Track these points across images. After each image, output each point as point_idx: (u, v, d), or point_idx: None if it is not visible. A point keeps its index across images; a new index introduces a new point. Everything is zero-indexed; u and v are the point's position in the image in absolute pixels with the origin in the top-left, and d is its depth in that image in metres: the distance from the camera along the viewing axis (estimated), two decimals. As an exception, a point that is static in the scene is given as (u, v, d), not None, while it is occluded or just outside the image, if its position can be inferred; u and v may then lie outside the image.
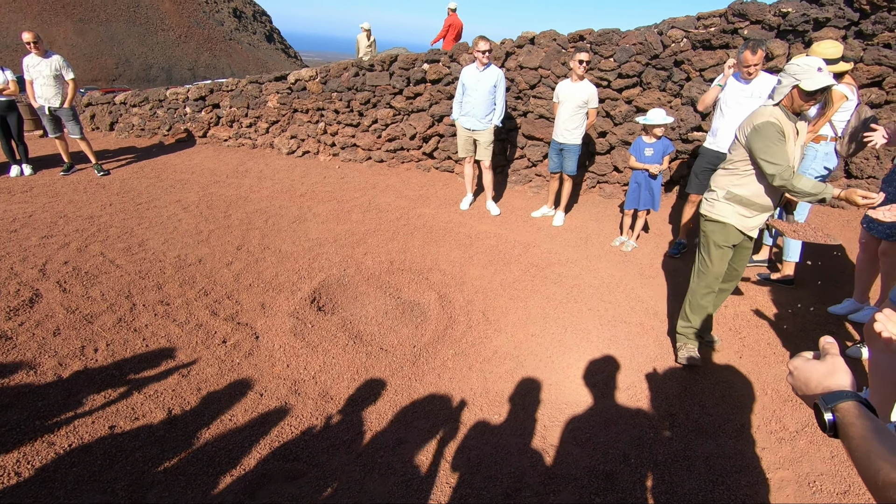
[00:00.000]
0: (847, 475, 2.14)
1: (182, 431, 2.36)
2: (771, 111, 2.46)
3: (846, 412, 0.74)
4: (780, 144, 2.40)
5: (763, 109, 2.50)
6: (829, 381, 0.81)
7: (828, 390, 0.79)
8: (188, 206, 5.24)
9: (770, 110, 2.47)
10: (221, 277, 3.83)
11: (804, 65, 2.32)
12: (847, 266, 4.12)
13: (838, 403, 0.76)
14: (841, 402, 0.76)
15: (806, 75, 2.31)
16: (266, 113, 7.40)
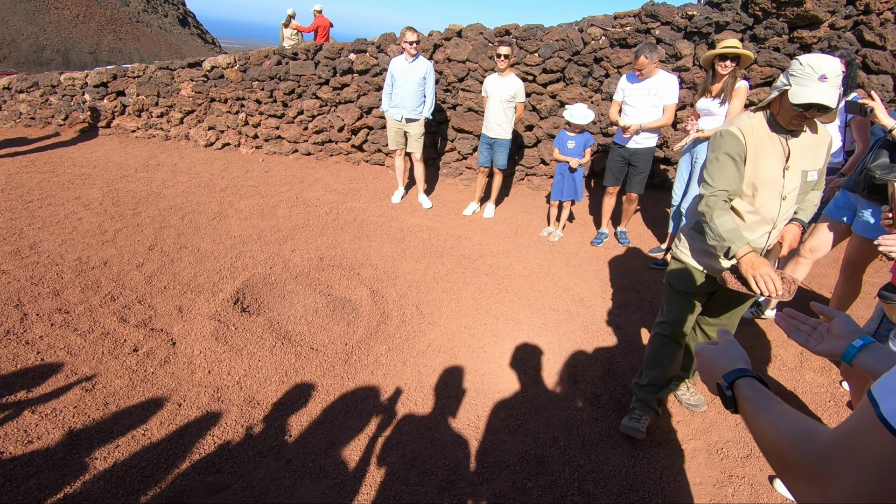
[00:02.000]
0: (749, 441, 2.35)
1: (86, 452, 2.14)
2: (743, 119, 1.93)
3: (740, 388, 0.82)
4: (725, 162, 1.89)
5: (741, 115, 1.99)
6: (727, 363, 0.88)
7: (726, 371, 0.87)
8: (90, 203, 4.75)
9: (743, 117, 1.94)
10: (131, 280, 3.52)
11: (806, 64, 1.70)
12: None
13: (735, 380, 0.83)
14: (737, 379, 0.83)
15: (800, 81, 1.71)
16: (179, 102, 6.87)
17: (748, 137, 1.89)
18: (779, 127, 1.88)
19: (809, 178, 1.95)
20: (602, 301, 3.68)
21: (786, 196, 1.95)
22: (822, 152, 1.96)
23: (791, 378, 2.82)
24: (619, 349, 3.11)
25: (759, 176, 1.91)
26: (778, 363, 2.93)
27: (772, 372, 2.86)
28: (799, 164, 1.92)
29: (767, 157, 1.89)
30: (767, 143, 1.89)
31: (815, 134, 1.94)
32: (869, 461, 0.54)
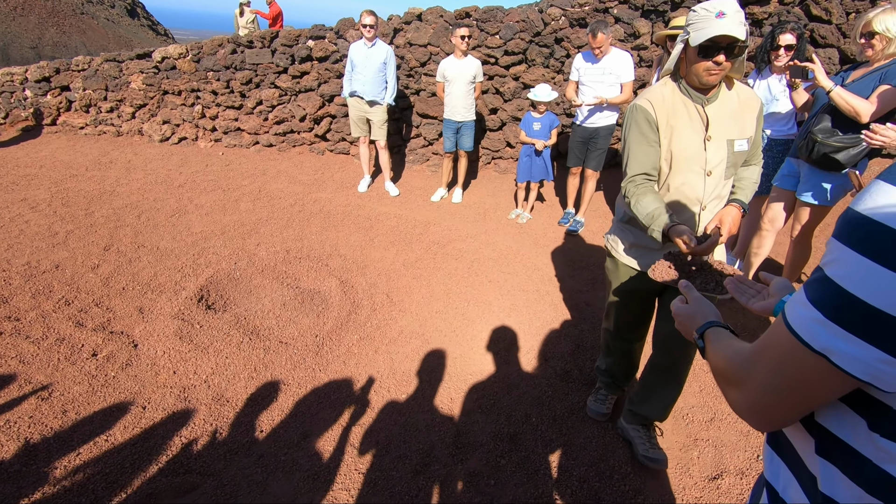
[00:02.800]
0: (713, 405, 2.44)
1: (45, 463, 2.06)
2: (654, 89, 1.74)
3: (708, 336, 0.89)
4: (637, 142, 1.72)
5: (652, 86, 1.81)
6: (701, 318, 0.95)
7: (699, 324, 0.95)
8: (37, 204, 4.51)
9: (654, 87, 1.75)
10: (86, 283, 3.37)
11: (700, 9, 1.57)
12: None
13: (704, 331, 0.91)
14: (705, 329, 0.91)
15: (697, 25, 1.55)
16: (130, 95, 6.57)
17: (658, 108, 1.68)
18: (692, 93, 1.68)
19: (737, 147, 1.71)
20: (570, 280, 3.74)
21: (711, 171, 1.71)
22: (749, 118, 1.72)
23: (751, 343, 2.94)
24: (587, 325, 3.16)
25: (676, 150, 1.69)
26: (738, 329, 3.04)
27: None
28: (722, 132, 1.69)
29: (683, 129, 1.68)
30: (682, 113, 1.68)
31: (737, 97, 1.72)
32: (773, 357, 0.65)
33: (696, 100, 1.69)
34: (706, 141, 1.69)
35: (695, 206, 1.77)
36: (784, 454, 0.77)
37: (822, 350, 0.58)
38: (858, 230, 0.56)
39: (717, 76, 1.60)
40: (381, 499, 1.97)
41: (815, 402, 0.64)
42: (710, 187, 1.74)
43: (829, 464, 0.66)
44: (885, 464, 0.60)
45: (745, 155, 1.76)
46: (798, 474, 0.74)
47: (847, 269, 0.56)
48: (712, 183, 1.74)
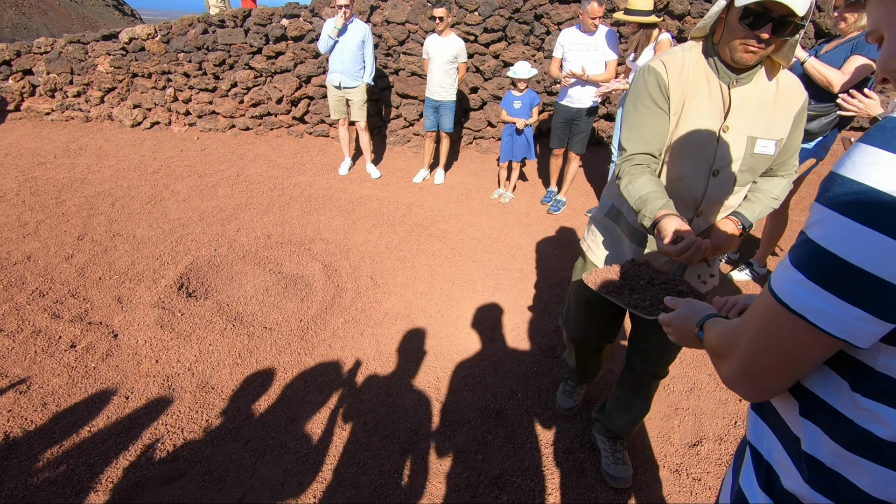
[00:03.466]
0: (693, 375, 2.51)
1: (26, 455, 2.02)
2: (674, 52, 1.42)
3: (706, 326, 0.89)
4: (644, 113, 1.40)
5: (673, 48, 1.46)
6: (696, 315, 0.94)
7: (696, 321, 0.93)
8: (4, 194, 4.35)
9: (675, 50, 1.43)
10: (61, 274, 3.28)
11: None
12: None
13: (703, 323, 0.90)
14: (704, 322, 0.91)
15: None
16: (97, 79, 6.33)
17: (673, 75, 1.37)
18: (721, 67, 1.34)
19: (759, 148, 1.36)
20: (553, 258, 3.77)
21: (718, 171, 1.38)
22: (785, 116, 1.37)
23: (729, 315, 3.01)
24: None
25: (682, 134, 1.38)
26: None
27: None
28: (744, 125, 1.35)
29: (698, 108, 1.35)
30: (702, 88, 1.35)
31: (776, 87, 1.36)
32: (758, 323, 0.67)
33: (724, 77, 1.35)
34: (722, 131, 1.36)
35: (688, 209, 1.45)
36: (768, 418, 0.79)
37: (801, 311, 0.60)
38: (839, 191, 0.57)
39: (754, 55, 1.25)
40: (371, 478, 2.00)
41: (800, 367, 0.65)
42: (712, 190, 1.40)
43: (812, 425, 0.69)
44: (866, 423, 0.62)
45: (769, 161, 1.40)
46: (781, 436, 0.76)
47: (828, 230, 0.58)
48: (717, 186, 1.40)
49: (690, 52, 1.40)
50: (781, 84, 1.37)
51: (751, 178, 1.43)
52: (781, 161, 1.47)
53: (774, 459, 0.77)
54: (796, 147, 1.45)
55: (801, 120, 1.40)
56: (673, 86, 1.37)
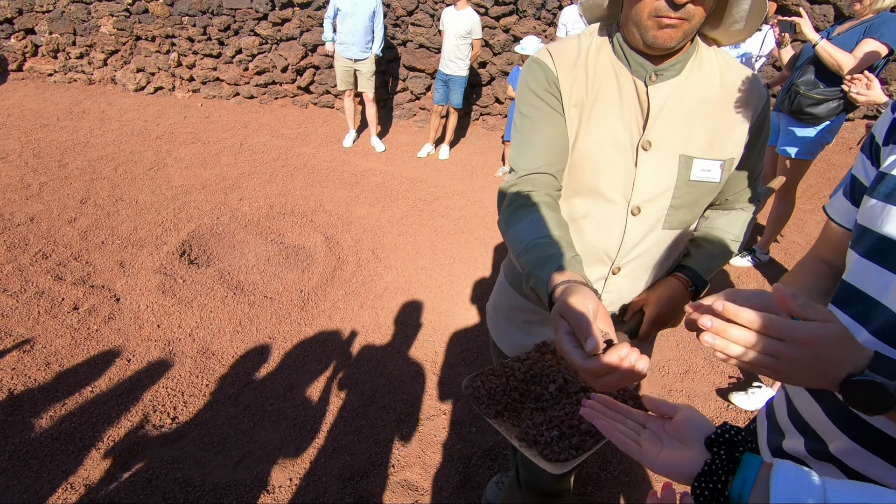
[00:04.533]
0: (688, 358, 2.53)
1: (30, 412, 2.07)
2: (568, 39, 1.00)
3: None
4: (533, 111, 0.96)
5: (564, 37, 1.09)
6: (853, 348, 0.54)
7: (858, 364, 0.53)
8: (7, 155, 4.34)
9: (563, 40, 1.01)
10: (64, 237, 3.29)
11: None
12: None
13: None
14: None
15: None
16: (101, 41, 6.22)
17: (564, 69, 0.93)
18: (631, 55, 0.91)
19: (698, 174, 0.94)
20: (556, 237, 3.76)
21: (639, 207, 0.95)
22: (737, 125, 0.94)
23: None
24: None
25: (582, 153, 0.94)
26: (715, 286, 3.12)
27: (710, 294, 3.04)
28: (674, 138, 0.92)
29: (603, 116, 0.93)
30: (607, 85, 0.92)
31: (720, 82, 0.93)
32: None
33: (636, 69, 0.91)
34: (641, 148, 0.92)
35: (600, 264, 1.00)
36: None
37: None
38: None
39: (672, 32, 0.81)
40: (366, 446, 2.04)
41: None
42: (633, 235, 0.96)
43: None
44: None
45: (715, 191, 0.97)
46: None
47: None
48: (639, 229, 0.96)
49: (590, 39, 0.95)
50: (728, 79, 0.93)
51: (690, 216, 0.99)
52: (738, 190, 1.04)
53: None
54: (757, 171, 1.04)
55: (761, 131, 0.97)
56: (565, 83, 0.92)
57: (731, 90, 0.94)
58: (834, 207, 0.84)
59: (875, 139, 0.75)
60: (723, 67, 0.95)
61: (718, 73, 0.94)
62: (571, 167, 0.97)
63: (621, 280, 1.02)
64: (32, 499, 1.73)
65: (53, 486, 1.77)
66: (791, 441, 0.78)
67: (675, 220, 0.98)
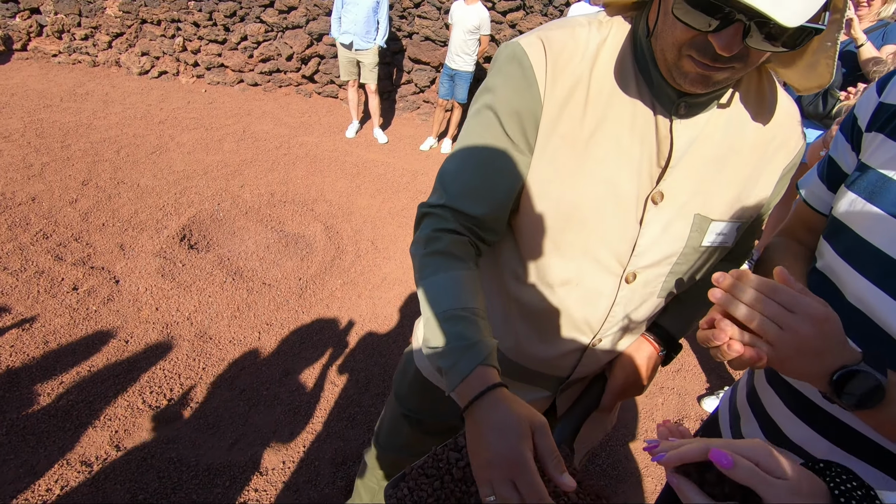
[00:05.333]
0: (681, 357, 2.55)
1: (27, 389, 2.09)
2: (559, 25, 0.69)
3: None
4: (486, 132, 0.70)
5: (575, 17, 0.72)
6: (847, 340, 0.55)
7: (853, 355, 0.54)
8: (9, 134, 4.34)
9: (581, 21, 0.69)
10: (65, 217, 3.31)
11: None
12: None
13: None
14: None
15: None
16: (106, 23, 6.20)
17: (558, 65, 0.67)
18: (658, 77, 0.66)
19: (712, 238, 0.76)
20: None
21: (636, 273, 0.77)
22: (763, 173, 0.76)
23: (723, 302, 3.04)
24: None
25: (573, 195, 0.71)
26: (713, 289, 3.14)
27: (707, 297, 3.06)
28: (691, 192, 0.73)
29: (605, 151, 0.69)
30: (618, 108, 0.68)
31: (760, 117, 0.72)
32: None
33: (663, 97, 0.67)
34: (651, 201, 0.71)
35: (579, 335, 0.82)
36: None
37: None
38: None
39: (705, 80, 0.61)
40: (359, 432, 2.06)
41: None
42: (623, 306, 0.79)
43: None
44: None
45: (724, 254, 0.82)
46: None
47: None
48: (631, 298, 0.79)
49: (605, 31, 0.68)
50: (770, 118, 0.72)
51: (691, 281, 0.82)
52: (743, 248, 0.88)
53: None
54: (758, 225, 0.86)
55: (787, 180, 0.79)
56: (552, 101, 0.67)
57: (770, 133, 0.72)
58: (808, 189, 0.79)
59: (857, 122, 0.67)
60: (767, 100, 0.72)
61: (762, 110, 0.71)
62: (553, 220, 0.72)
63: (599, 352, 0.84)
64: (29, 473, 1.75)
65: (50, 461, 1.79)
66: (748, 426, 0.80)
67: (671, 285, 0.81)
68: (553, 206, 0.72)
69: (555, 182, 0.70)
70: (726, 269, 0.82)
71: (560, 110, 0.67)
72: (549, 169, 0.70)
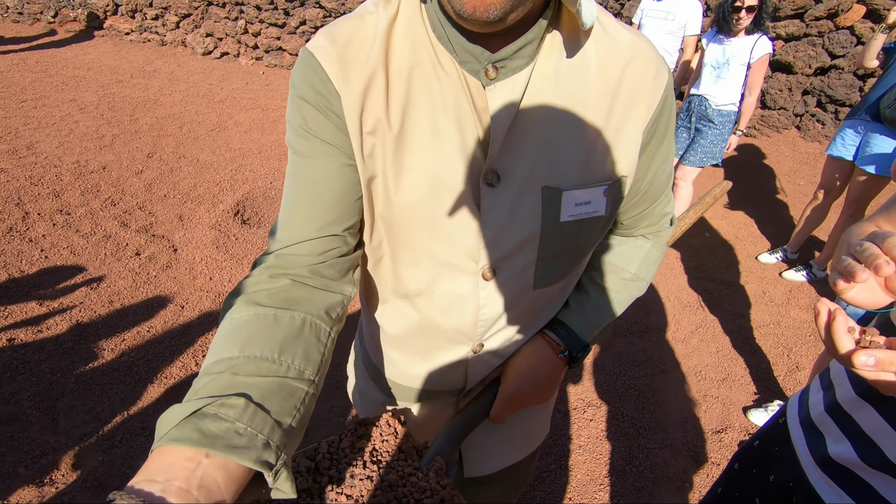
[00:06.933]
0: (727, 365, 2.46)
1: (94, 343, 2.25)
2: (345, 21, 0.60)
3: None
4: (295, 150, 0.64)
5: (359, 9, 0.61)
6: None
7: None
8: (85, 106, 4.63)
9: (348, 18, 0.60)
10: (131, 187, 3.51)
11: None
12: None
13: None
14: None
15: None
16: (175, 4, 6.49)
17: (346, 70, 0.58)
18: (455, 35, 0.56)
19: (573, 210, 0.63)
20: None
21: (494, 267, 0.66)
22: (622, 123, 0.62)
23: (776, 313, 2.90)
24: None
25: (396, 205, 0.62)
26: (766, 299, 3.00)
27: (758, 306, 2.93)
28: (531, 163, 0.60)
29: (419, 139, 0.60)
30: (417, 89, 0.58)
31: (594, 62, 0.59)
32: None
33: (464, 58, 0.57)
34: (484, 181, 0.60)
35: (456, 346, 0.75)
36: None
37: None
38: None
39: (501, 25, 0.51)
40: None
41: None
42: (492, 308, 0.70)
43: None
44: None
45: (605, 225, 0.69)
46: None
47: None
48: (498, 297, 0.69)
49: (392, 7, 0.59)
50: (610, 60, 0.60)
51: (573, 264, 0.72)
52: (634, 214, 0.75)
53: None
54: (661, 183, 0.72)
55: (659, 126, 0.65)
56: (349, 96, 0.58)
57: (615, 75, 0.60)
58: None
59: None
60: (599, 43, 0.59)
61: (594, 54, 0.59)
62: (388, 225, 0.64)
63: (487, 356, 0.77)
64: (94, 419, 1.89)
65: (112, 410, 1.93)
66: (839, 447, 0.77)
67: (550, 274, 0.69)
68: (385, 211, 0.63)
69: (379, 185, 0.62)
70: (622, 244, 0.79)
71: (361, 106, 0.59)
72: (370, 171, 0.62)
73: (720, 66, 2.91)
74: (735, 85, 2.92)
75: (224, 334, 0.55)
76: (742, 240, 3.63)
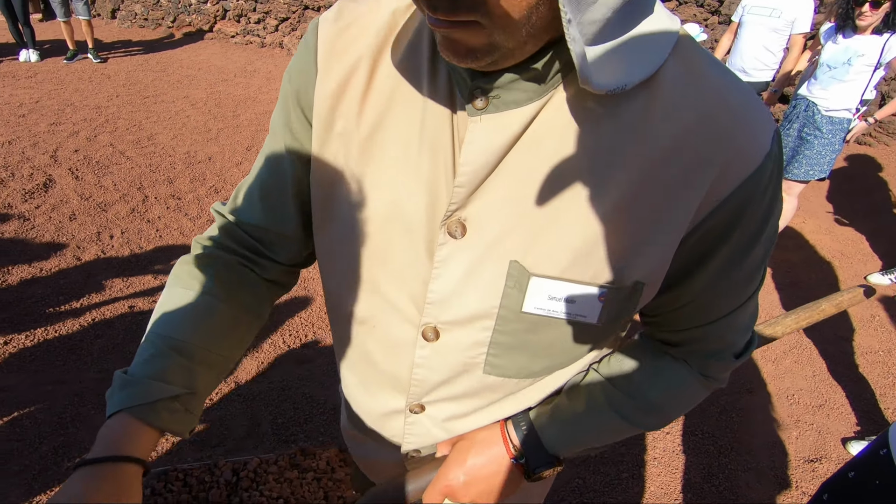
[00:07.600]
0: (825, 391, 2.26)
1: (198, 315, 2.49)
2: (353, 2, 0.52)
3: None
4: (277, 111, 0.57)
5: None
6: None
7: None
8: (196, 102, 5.12)
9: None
10: (232, 177, 3.84)
11: None
12: (863, 204, 4.04)
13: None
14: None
15: None
16: (275, 8, 6.98)
17: (337, 53, 0.50)
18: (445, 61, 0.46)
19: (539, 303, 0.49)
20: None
21: (438, 329, 0.53)
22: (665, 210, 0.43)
23: (887, 340, 2.61)
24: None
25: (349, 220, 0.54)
26: (875, 323, 2.71)
27: (866, 331, 2.65)
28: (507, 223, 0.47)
29: (388, 156, 0.50)
30: (401, 100, 0.49)
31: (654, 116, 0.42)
32: None
33: (459, 83, 0.45)
34: (445, 230, 0.48)
35: (393, 392, 0.62)
36: None
37: None
38: None
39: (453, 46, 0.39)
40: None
41: None
42: (430, 372, 0.57)
43: None
44: None
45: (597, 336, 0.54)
46: None
47: None
48: (439, 363, 0.56)
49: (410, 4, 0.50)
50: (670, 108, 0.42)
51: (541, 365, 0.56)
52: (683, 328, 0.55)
53: None
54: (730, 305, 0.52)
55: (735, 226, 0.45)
56: (325, 86, 0.51)
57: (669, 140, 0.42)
58: None
59: None
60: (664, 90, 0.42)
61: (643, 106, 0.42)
62: (342, 238, 0.56)
63: (428, 422, 0.63)
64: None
65: (212, 376, 2.14)
66: None
67: (505, 365, 0.55)
68: (340, 220, 0.55)
69: (341, 190, 0.53)
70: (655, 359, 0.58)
71: (335, 101, 0.50)
72: (330, 174, 0.53)
73: (838, 66, 2.65)
74: (853, 89, 2.65)
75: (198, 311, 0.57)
76: (849, 257, 3.31)
